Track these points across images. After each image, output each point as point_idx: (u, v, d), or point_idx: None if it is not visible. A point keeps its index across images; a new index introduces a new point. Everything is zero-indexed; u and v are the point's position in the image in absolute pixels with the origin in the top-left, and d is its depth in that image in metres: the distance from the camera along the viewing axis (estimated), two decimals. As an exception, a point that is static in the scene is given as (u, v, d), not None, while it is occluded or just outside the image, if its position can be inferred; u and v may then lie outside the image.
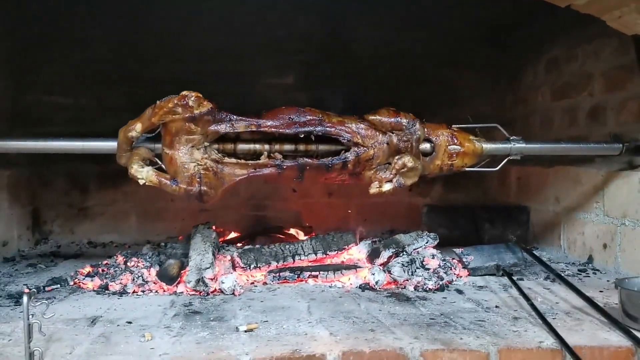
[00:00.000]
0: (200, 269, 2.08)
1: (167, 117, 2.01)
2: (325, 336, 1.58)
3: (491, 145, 2.28)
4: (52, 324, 1.65)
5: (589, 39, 2.59)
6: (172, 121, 2.02)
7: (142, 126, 2.02)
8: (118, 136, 2.05)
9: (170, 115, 2.01)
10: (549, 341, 1.54)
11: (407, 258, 2.26)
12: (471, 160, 2.24)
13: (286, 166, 2.10)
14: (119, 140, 2.05)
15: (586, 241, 2.59)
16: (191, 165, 2.04)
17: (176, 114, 2.01)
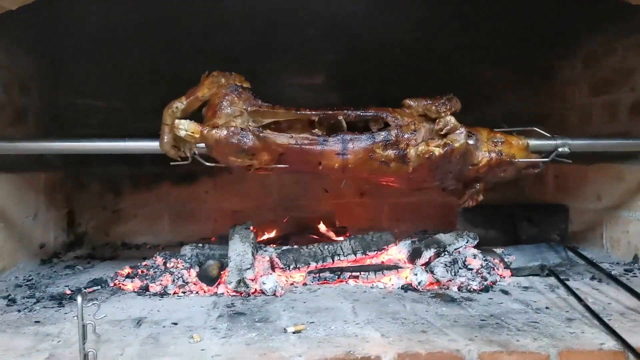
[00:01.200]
0: (240, 270, 2.06)
1: (213, 88, 2.01)
2: (376, 337, 1.55)
3: (535, 141, 2.22)
4: (98, 325, 1.63)
5: (629, 32, 2.53)
6: (216, 94, 2.00)
7: (186, 98, 2.03)
8: (163, 116, 2.04)
9: (215, 86, 2.01)
10: (610, 343, 1.49)
11: (449, 258, 2.22)
12: (519, 153, 2.18)
13: (329, 140, 2.01)
14: (163, 119, 2.04)
15: (631, 240, 2.52)
16: (236, 122, 1.99)
17: (221, 85, 2.00)
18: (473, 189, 2.31)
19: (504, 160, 2.16)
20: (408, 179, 2.11)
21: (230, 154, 1.99)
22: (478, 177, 2.22)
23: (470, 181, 2.26)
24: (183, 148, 2.05)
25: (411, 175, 2.07)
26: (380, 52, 3.10)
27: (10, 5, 2.00)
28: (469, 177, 2.21)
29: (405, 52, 3.12)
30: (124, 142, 2.09)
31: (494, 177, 2.22)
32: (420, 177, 2.10)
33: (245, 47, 3.02)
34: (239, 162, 2.01)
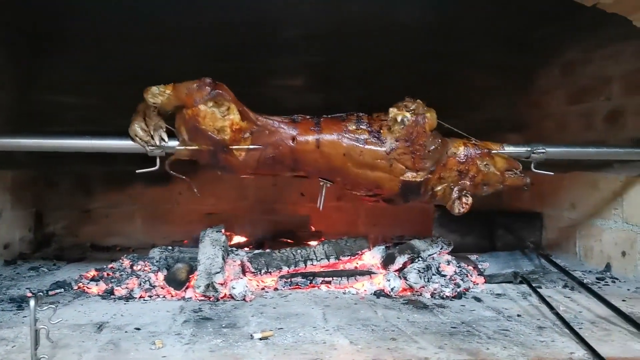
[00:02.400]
0: (209, 274, 2.01)
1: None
2: (345, 345, 1.51)
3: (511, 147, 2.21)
4: (57, 329, 1.57)
5: (606, 42, 2.54)
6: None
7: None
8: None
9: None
10: (579, 352, 1.47)
11: (422, 264, 2.19)
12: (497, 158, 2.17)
13: (305, 117, 2.03)
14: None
15: (604, 248, 2.52)
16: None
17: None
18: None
19: (483, 153, 2.14)
20: (389, 170, 2.05)
21: (201, 102, 1.94)
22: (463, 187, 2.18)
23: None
24: (151, 131, 1.99)
25: (388, 154, 2.03)
26: (364, 55, 3.08)
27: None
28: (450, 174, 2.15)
29: (388, 56, 3.10)
30: (92, 140, 2.03)
31: (481, 182, 2.18)
32: (399, 159, 2.04)
33: (225, 47, 2.98)
34: (210, 127, 1.94)
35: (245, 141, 1.99)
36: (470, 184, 2.15)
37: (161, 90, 1.98)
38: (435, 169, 2.09)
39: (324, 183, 2.12)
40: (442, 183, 2.12)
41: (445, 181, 2.12)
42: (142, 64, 2.92)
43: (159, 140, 1.98)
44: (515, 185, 2.24)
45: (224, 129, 1.96)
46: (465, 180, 2.14)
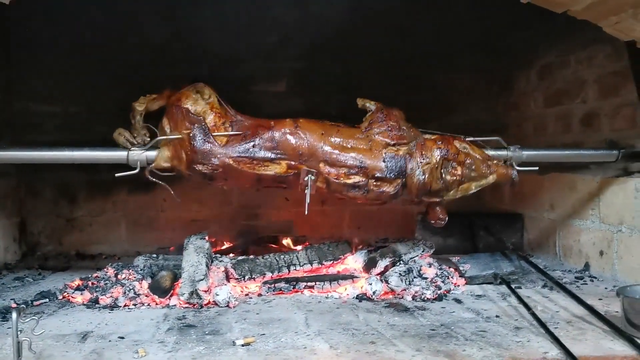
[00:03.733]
0: (193, 281, 2.03)
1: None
2: (325, 349, 1.54)
3: (491, 151, 2.26)
4: (41, 340, 1.59)
5: (582, 45, 2.59)
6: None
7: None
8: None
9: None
10: (553, 352, 1.51)
11: (404, 267, 2.23)
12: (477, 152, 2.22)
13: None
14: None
15: (582, 248, 2.58)
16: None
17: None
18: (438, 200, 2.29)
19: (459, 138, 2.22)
20: (369, 146, 2.11)
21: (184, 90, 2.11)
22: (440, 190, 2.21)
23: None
24: (135, 133, 2.09)
25: (365, 132, 2.13)
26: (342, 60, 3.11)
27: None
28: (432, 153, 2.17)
29: (368, 60, 3.14)
30: (72, 152, 2.05)
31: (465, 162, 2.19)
32: (376, 135, 2.13)
33: (207, 54, 3.00)
34: (192, 107, 2.07)
35: (226, 130, 2.09)
36: (456, 164, 2.18)
37: (148, 96, 2.12)
38: (416, 147, 2.14)
39: (308, 178, 2.10)
40: (426, 159, 2.15)
41: (429, 159, 2.15)
42: (122, 71, 2.94)
43: (142, 139, 2.06)
44: (503, 178, 2.26)
45: (205, 113, 2.09)
46: (449, 159, 2.18)
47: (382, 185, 2.12)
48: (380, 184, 2.11)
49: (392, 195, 2.14)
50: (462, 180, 2.18)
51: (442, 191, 2.18)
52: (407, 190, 2.14)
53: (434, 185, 2.15)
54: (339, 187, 2.12)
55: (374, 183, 2.11)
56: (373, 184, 2.11)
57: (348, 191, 2.13)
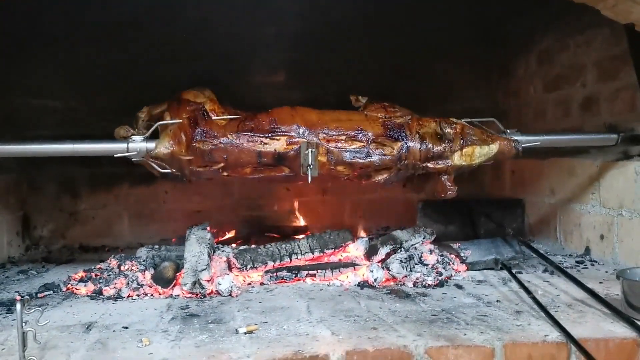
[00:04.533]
0: (196, 271, 2.05)
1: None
2: (327, 336, 1.55)
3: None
4: (46, 331, 1.61)
5: (580, 29, 2.59)
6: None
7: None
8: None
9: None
10: (553, 334, 1.52)
11: (405, 254, 2.24)
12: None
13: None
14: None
15: (583, 233, 2.58)
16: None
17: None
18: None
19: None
20: (366, 119, 2.19)
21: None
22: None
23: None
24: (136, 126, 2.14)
25: (361, 110, 2.22)
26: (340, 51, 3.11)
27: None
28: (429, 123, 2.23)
29: (366, 50, 3.13)
30: (71, 145, 2.05)
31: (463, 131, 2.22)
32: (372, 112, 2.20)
33: (206, 47, 3.00)
34: (192, 98, 2.15)
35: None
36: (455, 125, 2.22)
37: (151, 106, 2.20)
38: (412, 119, 2.20)
39: (309, 151, 2.10)
40: (424, 127, 2.20)
41: (428, 127, 2.20)
42: (122, 66, 2.95)
43: (143, 128, 2.12)
44: (506, 149, 2.26)
45: (205, 103, 2.16)
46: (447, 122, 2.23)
47: (384, 148, 2.15)
48: (381, 147, 2.15)
49: (396, 158, 2.15)
50: (463, 139, 2.19)
51: (446, 152, 2.18)
52: (410, 154, 2.16)
53: (435, 144, 2.17)
54: (341, 156, 2.13)
55: (375, 147, 2.14)
56: (374, 148, 2.14)
57: (351, 158, 2.13)
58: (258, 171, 2.15)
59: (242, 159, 2.11)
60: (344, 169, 2.17)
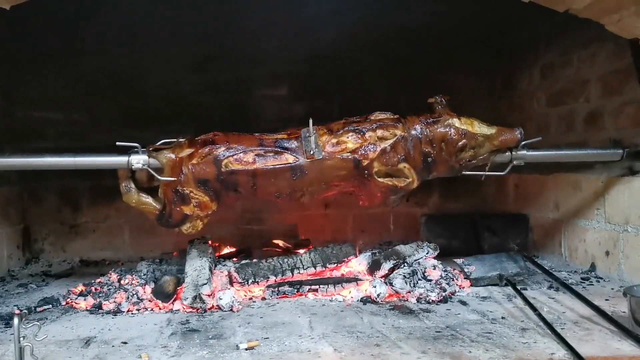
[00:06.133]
0: (197, 285, 2.03)
1: None
2: (329, 352, 1.53)
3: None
4: (44, 346, 1.58)
5: (584, 44, 2.58)
6: None
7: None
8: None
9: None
10: (560, 352, 1.49)
11: (408, 269, 2.21)
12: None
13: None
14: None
15: (588, 249, 2.55)
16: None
17: None
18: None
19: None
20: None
21: None
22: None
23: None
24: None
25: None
26: (342, 62, 3.11)
27: (2, 2, 1.87)
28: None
29: (371, 61, 3.14)
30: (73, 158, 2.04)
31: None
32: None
33: (208, 58, 3.00)
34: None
35: None
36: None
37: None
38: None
39: (311, 133, 2.08)
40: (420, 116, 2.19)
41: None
42: (122, 77, 2.95)
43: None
44: (508, 136, 2.22)
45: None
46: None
47: (385, 128, 2.12)
48: (383, 129, 2.12)
49: (401, 138, 2.11)
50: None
51: (443, 116, 2.16)
52: (409, 121, 2.15)
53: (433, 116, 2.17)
54: (343, 135, 2.09)
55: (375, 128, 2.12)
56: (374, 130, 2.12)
57: (355, 134, 2.09)
58: (261, 159, 2.05)
59: (243, 144, 2.07)
60: (347, 139, 2.09)
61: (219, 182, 2.05)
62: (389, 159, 2.09)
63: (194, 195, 2.05)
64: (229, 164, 2.03)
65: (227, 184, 2.05)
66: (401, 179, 2.13)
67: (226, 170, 2.03)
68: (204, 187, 2.05)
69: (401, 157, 2.10)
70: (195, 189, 2.05)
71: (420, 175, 2.15)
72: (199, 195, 2.05)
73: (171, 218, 2.09)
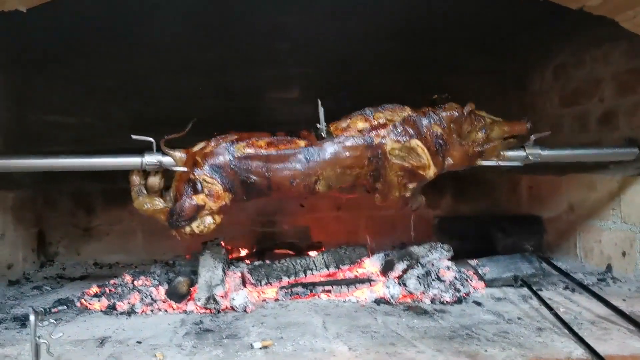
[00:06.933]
0: (210, 286, 2.03)
1: None
2: (344, 351, 1.52)
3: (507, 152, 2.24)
4: (60, 345, 1.59)
5: (597, 43, 2.57)
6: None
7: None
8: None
9: None
10: (578, 351, 1.48)
11: (422, 270, 2.20)
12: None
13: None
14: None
15: (604, 249, 2.53)
16: None
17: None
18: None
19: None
20: None
21: None
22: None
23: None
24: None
25: None
26: (355, 63, 3.11)
27: (19, 5, 1.88)
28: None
29: (380, 63, 3.13)
30: (88, 159, 2.06)
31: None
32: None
33: (219, 62, 3.02)
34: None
35: None
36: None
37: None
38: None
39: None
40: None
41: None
42: (135, 82, 2.97)
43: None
44: (516, 124, 2.24)
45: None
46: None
47: (392, 110, 2.12)
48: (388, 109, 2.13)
49: (409, 117, 2.11)
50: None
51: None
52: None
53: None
54: (352, 118, 2.12)
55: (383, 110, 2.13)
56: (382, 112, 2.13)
57: (363, 116, 2.12)
58: (273, 145, 2.05)
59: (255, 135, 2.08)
60: (357, 121, 2.12)
61: (232, 169, 2.03)
62: (401, 135, 2.06)
63: (206, 184, 2.02)
64: (241, 149, 2.03)
65: (240, 170, 2.03)
66: (416, 159, 2.09)
67: (239, 155, 2.02)
68: (217, 174, 2.02)
69: (412, 134, 2.07)
70: (208, 176, 2.02)
71: (434, 159, 2.09)
72: (211, 182, 2.02)
73: (183, 212, 2.03)
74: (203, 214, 2.05)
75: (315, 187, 2.07)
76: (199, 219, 2.06)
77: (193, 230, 2.07)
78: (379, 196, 2.14)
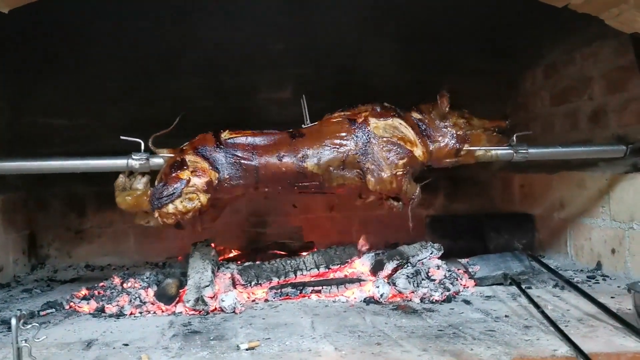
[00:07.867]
0: (199, 288, 2.03)
1: None
2: (330, 351, 1.52)
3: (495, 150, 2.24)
4: (45, 348, 1.59)
5: (586, 42, 2.57)
6: None
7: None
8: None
9: None
10: (563, 349, 1.48)
11: (411, 269, 2.20)
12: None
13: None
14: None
15: (594, 247, 2.53)
16: None
17: None
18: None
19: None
20: None
21: None
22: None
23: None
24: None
25: None
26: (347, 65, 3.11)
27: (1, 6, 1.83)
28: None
29: (374, 64, 3.13)
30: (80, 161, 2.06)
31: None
32: None
33: (214, 63, 3.01)
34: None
35: None
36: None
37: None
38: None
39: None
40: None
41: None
42: (129, 83, 2.97)
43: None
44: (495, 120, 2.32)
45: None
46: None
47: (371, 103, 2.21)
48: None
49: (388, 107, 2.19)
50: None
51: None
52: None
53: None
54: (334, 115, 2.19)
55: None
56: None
57: (344, 111, 2.21)
58: (260, 133, 2.13)
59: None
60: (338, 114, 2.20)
61: (220, 149, 2.06)
62: (382, 115, 2.16)
63: (192, 162, 2.02)
64: (228, 135, 2.09)
65: (227, 151, 2.06)
66: (400, 134, 2.14)
67: (226, 139, 2.08)
68: (203, 153, 2.05)
69: (394, 114, 2.17)
70: (193, 154, 2.04)
71: (420, 139, 2.17)
72: (196, 160, 2.03)
73: (166, 188, 1.98)
74: (188, 190, 1.99)
75: (304, 165, 2.08)
76: (183, 195, 1.98)
77: (177, 209, 1.98)
78: (371, 178, 2.11)
